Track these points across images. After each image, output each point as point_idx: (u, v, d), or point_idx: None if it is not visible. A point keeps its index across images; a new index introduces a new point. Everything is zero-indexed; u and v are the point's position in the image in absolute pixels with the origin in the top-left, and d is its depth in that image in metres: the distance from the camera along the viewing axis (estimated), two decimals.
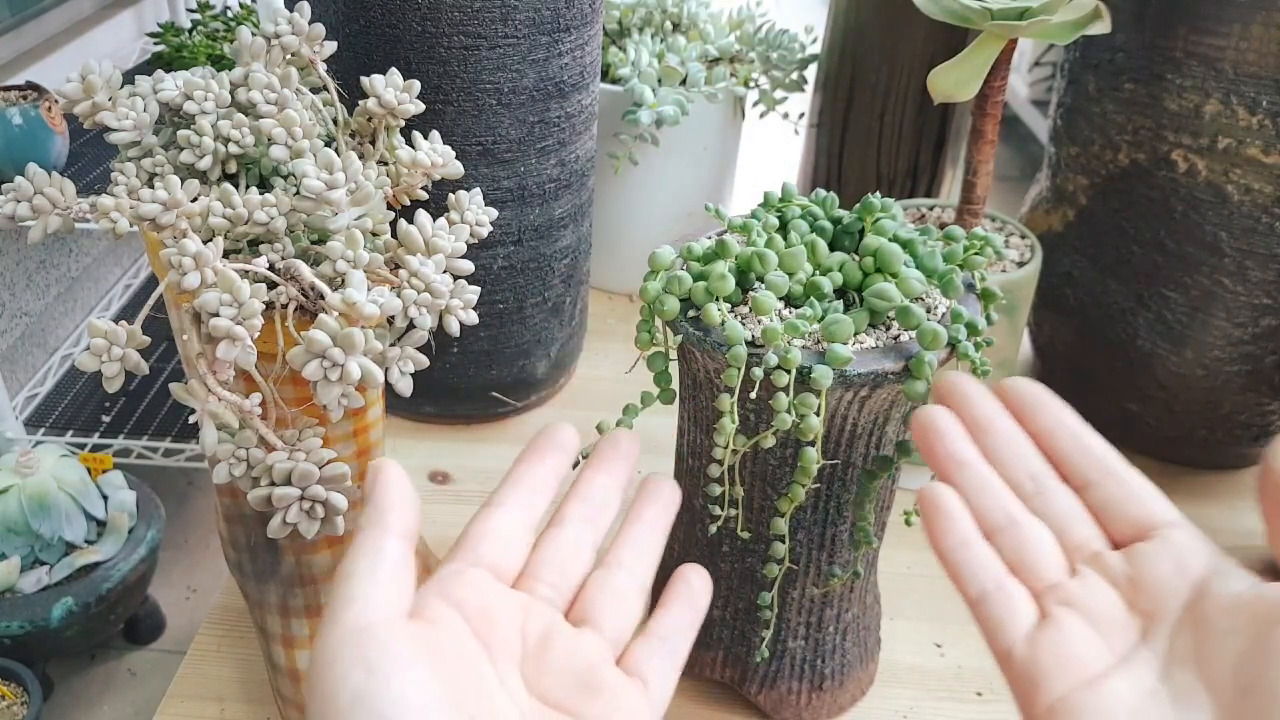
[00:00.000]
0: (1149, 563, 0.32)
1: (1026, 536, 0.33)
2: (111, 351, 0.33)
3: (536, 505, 0.33)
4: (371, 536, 0.29)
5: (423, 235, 0.37)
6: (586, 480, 0.35)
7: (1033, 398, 0.35)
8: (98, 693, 1.33)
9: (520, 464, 0.34)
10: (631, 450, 0.36)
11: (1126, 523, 0.33)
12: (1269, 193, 0.56)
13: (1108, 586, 0.32)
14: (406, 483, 0.30)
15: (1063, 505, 0.33)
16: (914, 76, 0.75)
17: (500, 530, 0.32)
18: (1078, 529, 0.33)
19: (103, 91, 0.38)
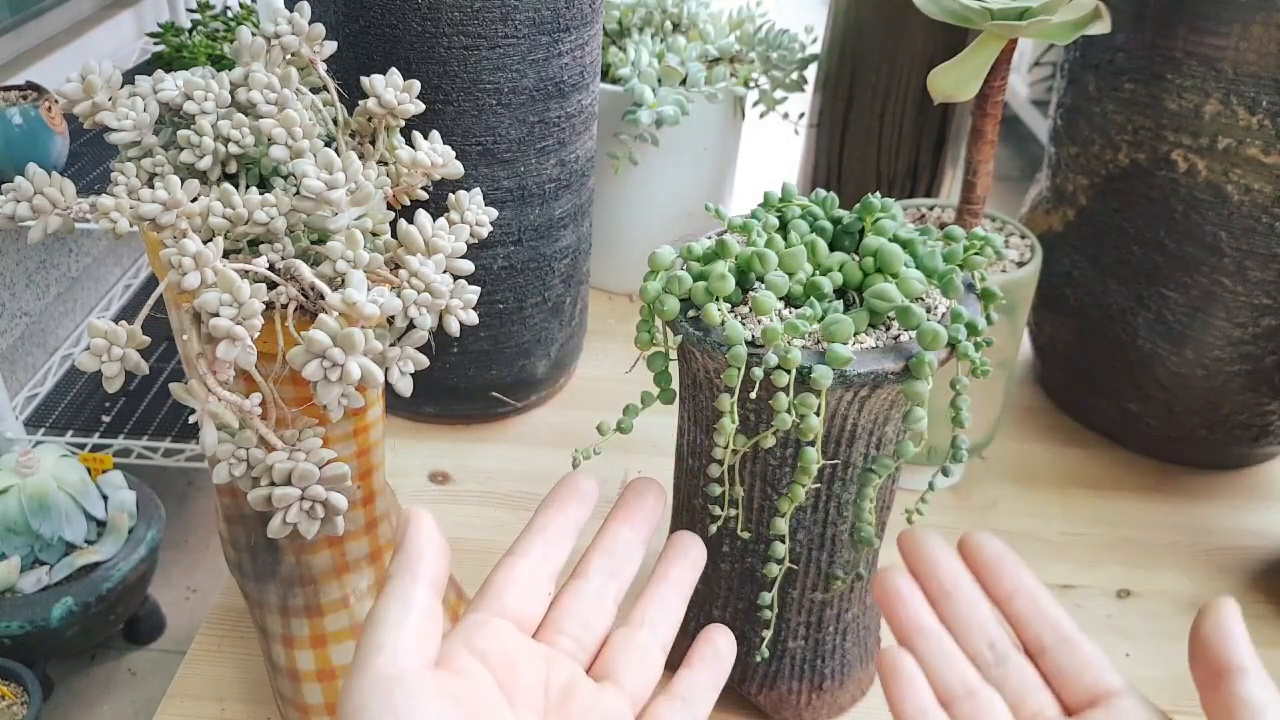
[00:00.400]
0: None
1: (982, 707, 0.33)
2: (111, 351, 0.33)
3: (558, 555, 0.34)
4: (402, 584, 0.30)
5: (423, 235, 0.37)
6: (610, 533, 0.35)
7: (994, 557, 0.35)
8: (98, 693, 1.33)
9: (542, 513, 0.34)
10: (657, 505, 0.36)
11: (1079, 689, 0.33)
12: (1269, 193, 0.56)
13: None
14: (436, 531, 0.31)
15: (1020, 675, 0.34)
16: (914, 76, 0.75)
17: (523, 580, 0.32)
18: (1034, 698, 0.34)
19: (103, 91, 0.38)
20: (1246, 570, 0.62)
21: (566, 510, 0.34)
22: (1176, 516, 0.65)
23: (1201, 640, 0.32)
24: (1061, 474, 0.69)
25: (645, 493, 0.36)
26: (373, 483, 0.45)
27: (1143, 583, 0.61)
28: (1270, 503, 0.67)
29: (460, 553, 0.60)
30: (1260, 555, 0.63)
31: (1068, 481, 0.68)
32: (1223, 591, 0.60)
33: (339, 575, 0.45)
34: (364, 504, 0.45)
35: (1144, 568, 0.62)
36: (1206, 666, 0.32)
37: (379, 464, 0.46)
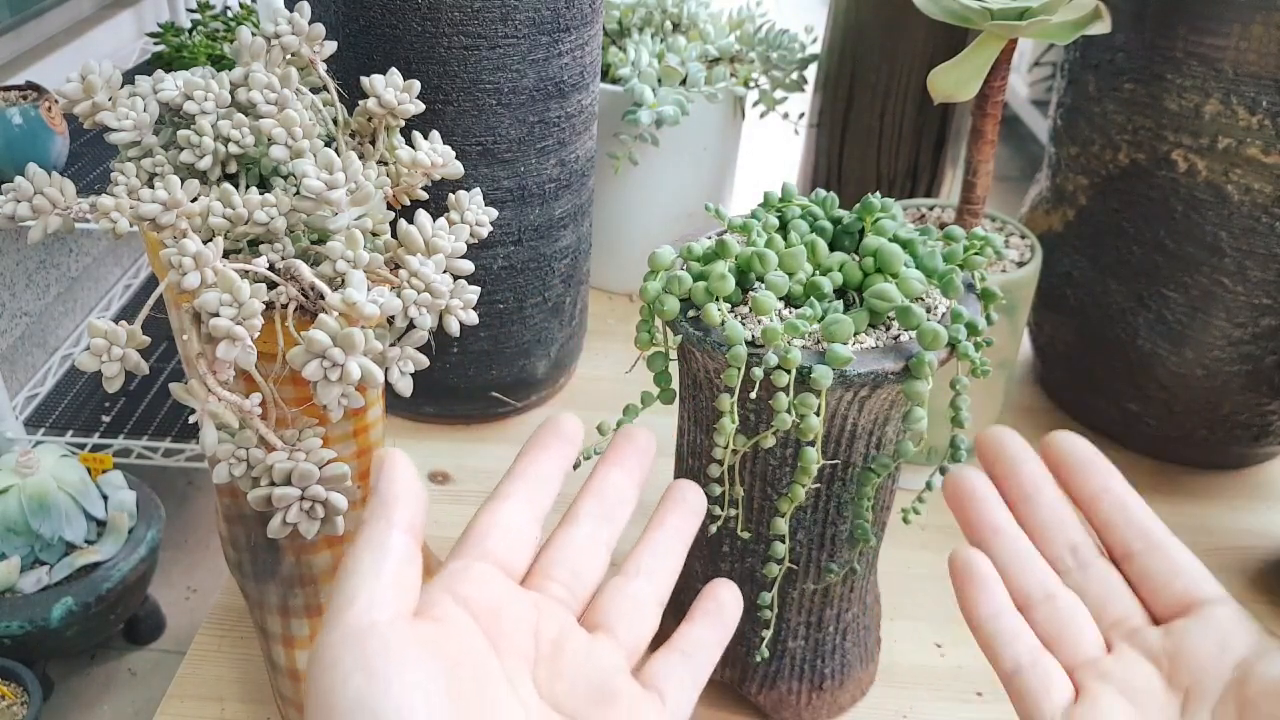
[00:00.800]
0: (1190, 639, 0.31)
1: (1062, 611, 0.32)
2: (111, 351, 0.33)
3: (543, 499, 0.32)
4: (376, 530, 0.28)
5: (423, 235, 0.37)
6: (601, 476, 0.33)
7: (1079, 458, 0.34)
8: (98, 693, 1.33)
9: (524, 456, 0.33)
10: (648, 447, 0.34)
11: (1169, 597, 0.32)
12: (1269, 193, 0.56)
13: (1146, 662, 0.31)
14: (413, 474, 0.29)
15: (1103, 580, 0.33)
16: (914, 76, 0.75)
17: (508, 524, 0.30)
18: (1117, 604, 0.32)
19: (103, 91, 0.38)
20: (1246, 570, 0.62)
21: (550, 453, 0.33)
22: (1176, 516, 0.65)
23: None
24: None
25: (636, 437, 0.34)
26: None
27: None
28: (1270, 503, 0.67)
29: None
30: (1260, 555, 0.63)
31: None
32: None
33: None
34: (364, 504, 0.45)
35: None
36: None
37: None
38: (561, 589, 0.31)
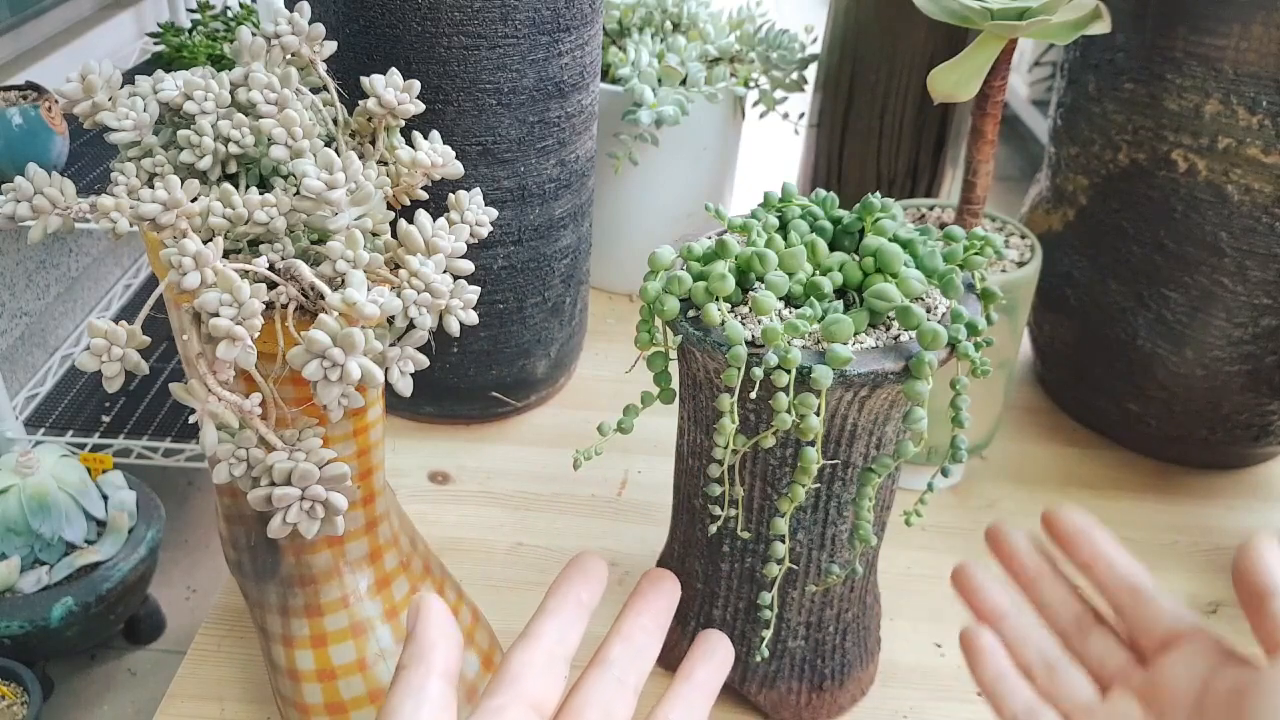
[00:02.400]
0: (1165, 670, 0.36)
1: (1061, 674, 0.38)
2: (111, 351, 0.33)
3: (572, 637, 0.34)
4: (415, 676, 0.29)
5: (423, 235, 0.37)
6: (630, 621, 0.35)
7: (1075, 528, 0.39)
8: (98, 693, 1.33)
9: (554, 595, 0.35)
10: (674, 592, 0.37)
11: (1154, 639, 0.37)
12: (1269, 193, 0.56)
13: (1133, 699, 0.36)
14: (448, 618, 0.31)
15: (1102, 641, 0.38)
16: (914, 76, 0.75)
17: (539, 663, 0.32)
18: (1113, 659, 0.38)
19: (103, 91, 0.38)
20: None
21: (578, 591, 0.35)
22: (1176, 516, 0.65)
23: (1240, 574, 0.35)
24: (1061, 474, 0.69)
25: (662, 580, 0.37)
26: (373, 483, 0.45)
27: None
28: (1270, 503, 0.67)
29: (460, 552, 0.61)
30: None
31: (1068, 481, 0.68)
32: (1223, 591, 0.60)
33: (339, 575, 0.45)
34: (364, 504, 0.45)
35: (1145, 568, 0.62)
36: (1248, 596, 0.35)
37: (379, 464, 0.46)
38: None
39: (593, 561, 0.35)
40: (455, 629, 0.31)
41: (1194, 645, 0.36)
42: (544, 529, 0.63)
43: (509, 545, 0.61)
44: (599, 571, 0.35)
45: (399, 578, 0.47)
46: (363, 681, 0.45)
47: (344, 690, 0.45)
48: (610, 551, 0.61)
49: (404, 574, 0.47)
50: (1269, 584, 0.34)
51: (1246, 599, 0.35)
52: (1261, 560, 0.35)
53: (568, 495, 0.65)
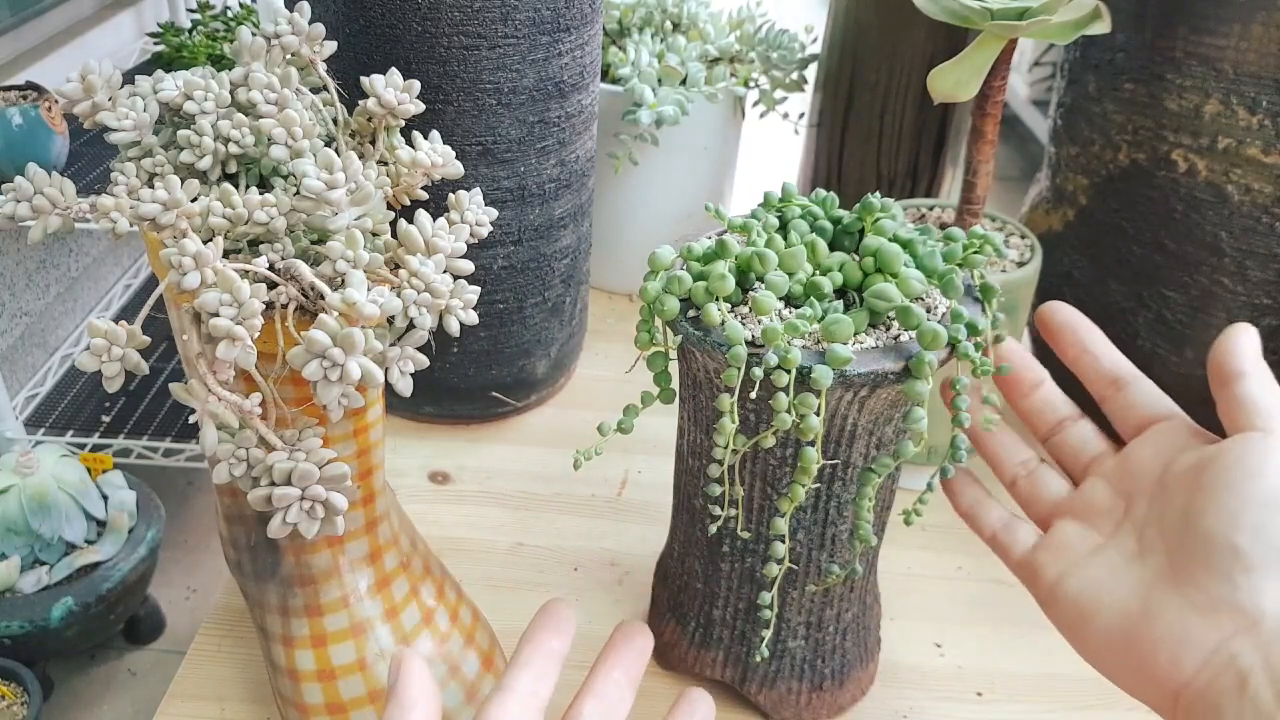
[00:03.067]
0: (1135, 454, 0.39)
1: (1038, 478, 0.42)
2: (111, 351, 0.33)
3: (545, 689, 0.34)
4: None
5: (423, 235, 0.37)
6: (603, 677, 0.36)
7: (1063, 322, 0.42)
8: (98, 693, 1.33)
9: (526, 645, 0.35)
10: (646, 647, 0.38)
11: (1132, 425, 0.40)
12: (1269, 193, 0.56)
13: (1102, 483, 0.39)
14: (427, 676, 0.32)
15: (1080, 434, 0.42)
16: (914, 76, 0.75)
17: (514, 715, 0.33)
18: (1091, 447, 0.41)
19: (103, 91, 0.38)
20: None
21: (549, 641, 0.35)
22: None
23: (1214, 358, 0.37)
24: None
25: (635, 635, 0.37)
26: (373, 483, 0.45)
27: None
28: None
29: (460, 552, 0.61)
30: None
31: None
32: None
33: (339, 575, 0.45)
34: (364, 504, 0.45)
35: None
36: (1217, 379, 0.37)
37: (379, 464, 0.46)
38: None
39: (562, 610, 0.36)
40: (434, 687, 0.32)
41: (1165, 427, 0.38)
42: (544, 529, 0.63)
43: (509, 545, 0.61)
44: (568, 620, 0.36)
45: (399, 578, 0.47)
46: (363, 681, 0.45)
47: (344, 690, 0.45)
48: (610, 551, 0.61)
49: (404, 574, 0.47)
50: (1238, 366, 0.36)
51: (1217, 381, 0.37)
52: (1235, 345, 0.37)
53: (568, 495, 0.65)
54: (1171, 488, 0.36)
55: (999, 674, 0.54)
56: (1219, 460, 0.34)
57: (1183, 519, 0.35)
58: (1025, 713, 0.52)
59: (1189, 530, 0.34)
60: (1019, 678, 0.54)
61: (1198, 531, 0.34)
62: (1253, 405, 0.35)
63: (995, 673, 0.54)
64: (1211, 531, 0.33)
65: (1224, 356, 0.37)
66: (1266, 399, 0.35)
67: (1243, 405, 0.35)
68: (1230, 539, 0.33)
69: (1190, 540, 0.34)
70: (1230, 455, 0.34)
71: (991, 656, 0.55)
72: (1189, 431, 0.38)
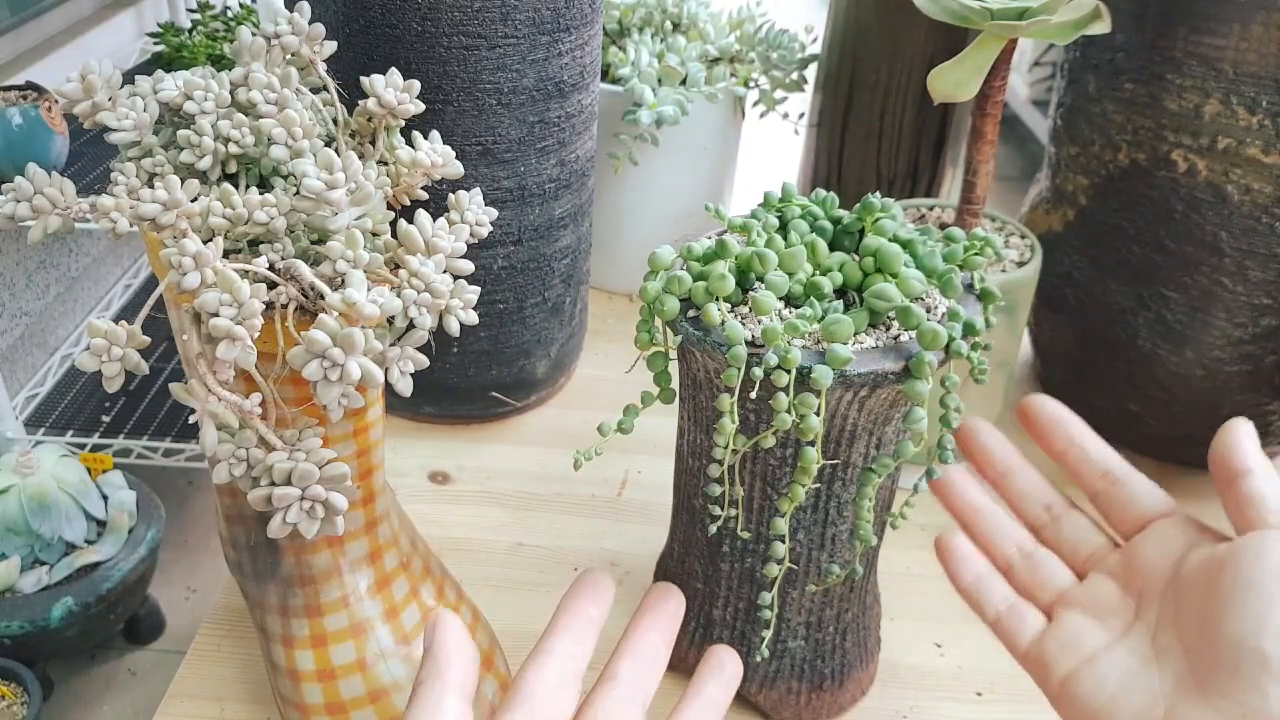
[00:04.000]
0: (1140, 551, 0.37)
1: (1038, 563, 0.39)
2: (111, 351, 0.33)
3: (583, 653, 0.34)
4: (432, 692, 0.30)
5: (423, 235, 0.37)
6: (638, 638, 0.36)
7: (1049, 417, 0.40)
8: (98, 693, 1.33)
9: (564, 612, 0.35)
10: (679, 609, 0.38)
11: (1129, 521, 0.38)
12: (1269, 193, 0.56)
13: (1108, 581, 0.38)
14: (464, 635, 0.32)
15: (1075, 526, 0.40)
16: (914, 76, 0.75)
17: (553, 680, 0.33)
18: (1088, 542, 0.39)
19: (103, 91, 0.38)
20: None
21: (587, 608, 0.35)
22: None
23: (1215, 456, 0.36)
24: (1062, 474, 0.68)
25: (669, 597, 0.37)
26: (373, 483, 0.45)
27: None
28: None
29: (460, 552, 0.61)
30: None
31: (1068, 481, 0.68)
32: None
33: (339, 575, 0.45)
34: (364, 504, 0.45)
35: None
36: (1222, 476, 0.36)
37: (379, 464, 0.46)
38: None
39: (600, 578, 0.36)
40: (472, 645, 0.32)
41: (1168, 524, 0.37)
42: (544, 529, 0.63)
43: (509, 545, 0.61)
44: (606, 587, 0.36)
45: (399, 578, 0.47)
46: (362, 681, 0.45)
47: (344, 690, 0.45)
48: (610, 551, 0.61)
49: (404, 574, 0.47)
50: (1241, 463, 0.35)
51: (1220, 478, 0.36)
52: (1236, 441, 0.36)
53: (568, 495, 0.65)
54: (1186, 589, 0.35)
55: (999, 674, 0.54)
56: (1236, 560, 0.33)
57: (1202, 622, 0.33)
58: (1025, 713, 0.52)
59: (1211, 635, 0.33)
60: (1019, 678, 0.54)
61: (1222, 637, 0.32)
62: (1263, 501, 0.34)
63: (995, 673, 0.54)
64: (1237, 637, 0.32)
65: (1226, 453, 0.36)
66: (1275, 497, 0.34)
67: (1252, 502, 0.34)
68: (1258, 645, 0.31)
69: (1213, 646, 0.33)
70: (1248, 554, 0.33)
71: (991, 656, 0.55)
72: (1194, 528, 0.37)
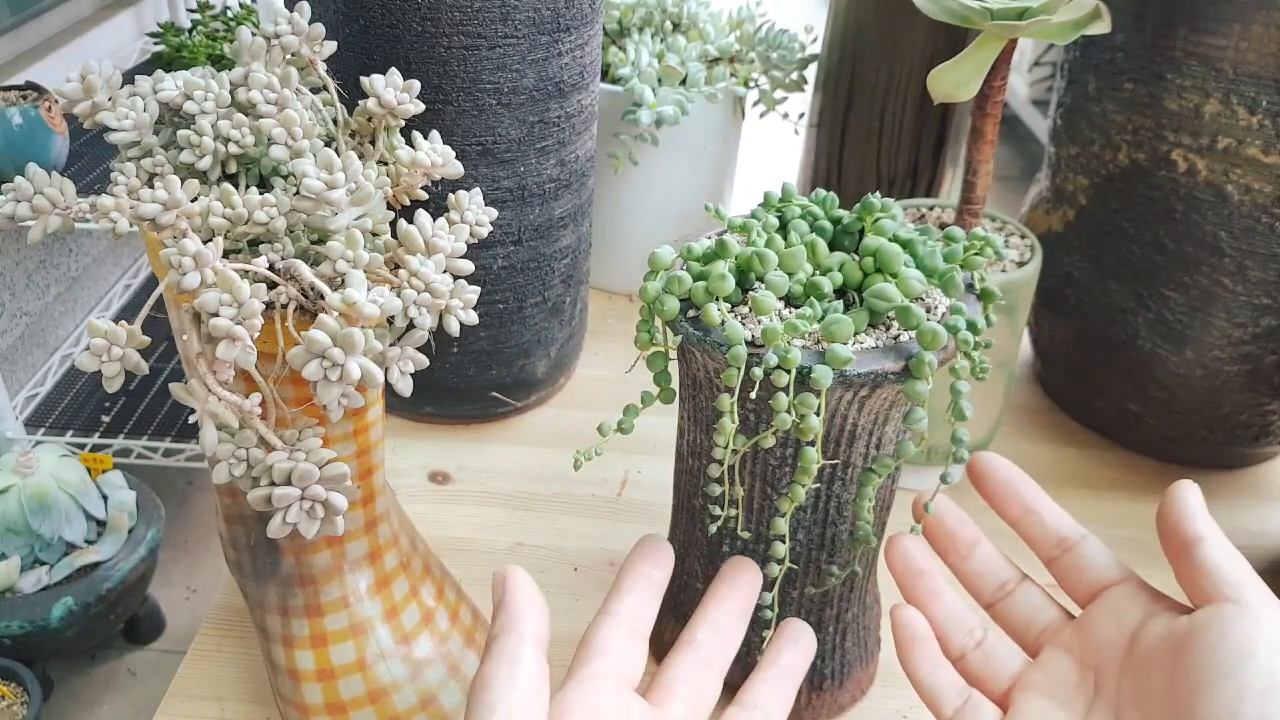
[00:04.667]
0: (1093, 623, 0.36)
1: (990, 651, 0.38)
2: (111, 351, 0.33)
3: (647, 614, 0.35)
4: (509, 643, 0.30)
5: (423, 235, 0.37)
6: (715, 607, 0.37)
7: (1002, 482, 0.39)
8: (98, 693, 1.33)
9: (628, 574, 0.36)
10: (756, 579, 0.38)
11: (1083, 590, 0.37)
12: (1269, 193, 0.56)
13: (1064, 656, 0.36)
14: (535, 588, 0.32)
15: (1027, 601, 0.39)
16: (914, 76, 0.75)
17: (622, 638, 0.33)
18: (1042, 616, 0.38)
19: (103, 91, 0.38)
20: None
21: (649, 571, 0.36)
22: None
23: (1164, 522, 0.35)
24: (1061, 474, 0.69)
25: (745, 568, 0.38)
26: (373, 483, 0.45)
27: None
28: (1270, 503, 0.67)
29: (460, 552, 0.61)
30: (1260, 555, 0.63)
31: (1067, 481, 0.68)
32: None
33: (339, 575, 0.45)
34: (364, 504, 0.45)
35: (1144, 567, 0.61)
36: (1172, 544, 0.35)
37: (379, 464, 0.46)
38: (683, 709, 0.34)
39: (660, 542, 0.37)
40: (542, 598, 0.32)
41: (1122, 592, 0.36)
42: (544, 529, 0.63)
43: (509, 545, 0.61)
44: (666, 552, 0.37)
45: (399, 578, 0.47)
46: (362, 681, 0.45)
47: (344, 690, 0.45)
48: (610, 552, 0.61)
49: (404, 574, 0.47)
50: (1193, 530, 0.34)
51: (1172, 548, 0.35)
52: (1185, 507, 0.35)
53: (568, 495, 0.65)
54: (1145, 663, 0.34)
55: None
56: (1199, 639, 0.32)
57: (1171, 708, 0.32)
58: None
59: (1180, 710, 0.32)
60: None
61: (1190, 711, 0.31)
62: (1218, 573, 0.33)
63: None
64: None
65: (1175, 520, 0.35)
66: (1229, 566, 0.33)
67: (1207, 573, 0.33)
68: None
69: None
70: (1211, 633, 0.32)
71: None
72: (1148, 596, 0.36)
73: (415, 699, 0.45)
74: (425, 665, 0.46)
